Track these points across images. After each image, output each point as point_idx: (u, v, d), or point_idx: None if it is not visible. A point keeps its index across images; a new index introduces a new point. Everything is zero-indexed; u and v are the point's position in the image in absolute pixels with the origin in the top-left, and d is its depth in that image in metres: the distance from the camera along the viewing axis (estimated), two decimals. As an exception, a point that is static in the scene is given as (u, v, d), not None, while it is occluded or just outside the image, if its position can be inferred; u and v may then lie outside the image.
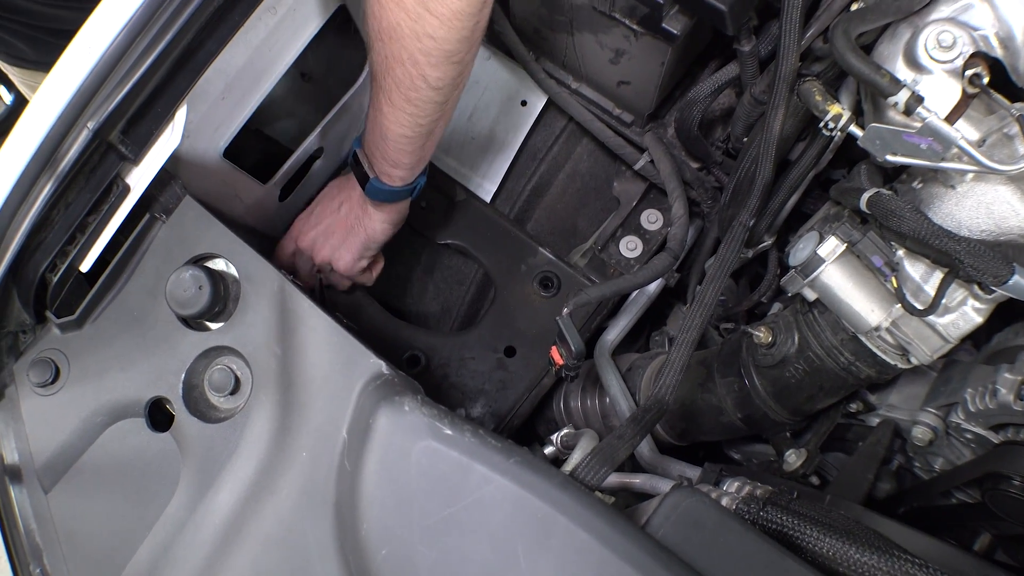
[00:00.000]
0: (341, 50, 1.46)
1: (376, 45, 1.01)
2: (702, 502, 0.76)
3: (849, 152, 1.22)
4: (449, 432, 0.75)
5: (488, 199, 1.51)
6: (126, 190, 0.98)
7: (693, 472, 1.17)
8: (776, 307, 1.35)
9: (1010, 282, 0.86)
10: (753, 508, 0.83)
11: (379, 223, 1.30)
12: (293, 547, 0.82)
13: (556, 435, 1.29)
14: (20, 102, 3.06)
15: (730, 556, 0.73)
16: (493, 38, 1.42)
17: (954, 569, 0.78)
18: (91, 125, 0.91)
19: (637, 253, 1.43)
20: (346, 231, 1.31)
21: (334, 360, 0.87)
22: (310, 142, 1.38)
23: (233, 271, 0.97)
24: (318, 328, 0.89)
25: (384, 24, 0.97)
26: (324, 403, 0.86)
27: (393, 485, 0.75)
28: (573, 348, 1.12)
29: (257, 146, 1.48)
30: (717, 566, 0.72)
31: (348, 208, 1.31)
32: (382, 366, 0.84)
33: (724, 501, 0.85)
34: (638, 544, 0.71)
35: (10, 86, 2.99)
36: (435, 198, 1.50)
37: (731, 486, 0.95)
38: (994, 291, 0.92)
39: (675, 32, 1.09)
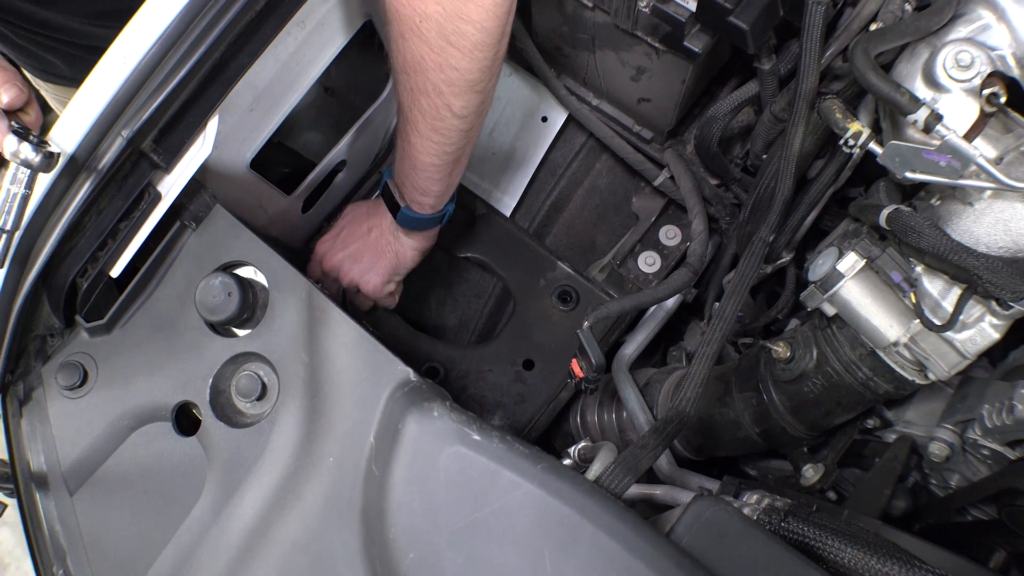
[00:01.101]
0: (364, 65, 1.48)
1: (401, 78, 1.05)
2: (725, 511, 0.77)
3: (865, 169, 1.24)
4: (477, 438, 0.76)
5: (508, 213, 1.53)
6: (157, 197, 1.00)
7: (712, 485, 1.17)
8: (793, 323, 1.36)
9: (1029, 298, 0.87)
10: (774, 519, 0.83)
11: (410, 250, 1.33)
12: (318, 552, 0.83)
13: (573, 448, 1.29)
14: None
15: (753, 565, 0.74)
16: (515, 55, 1.45)
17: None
18: (125, 133, 0.93)
19: (655, 268, 1.44)
20: (376, 256, 1.34)
21: (362, 367, 0.88)
22: (333, 155, 1.40)
23: (261, 279, 0.99)
24: (346, 335, 0.91)
25: (408, 57, 1.00)
26: (352, 409, 0.87)
27: (421, 490, 0.76)
28: (594, 361, 1.13)
29: (280, 158, 1.50)
30: (740, 575, 0.73)
31: (379, 234, 1.33)
32: (410, 373, 0.86)
33: (745, 512, 0.86)
34: (663, 551, 0.71)
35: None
36: (456, 212, 1.52)
37: (750, 498, 0.96)
38: (1012, 307, 0.93)
39: (697, 50, 1.11)
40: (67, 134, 0.94)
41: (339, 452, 0.86)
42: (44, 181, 0.94)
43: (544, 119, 1.49)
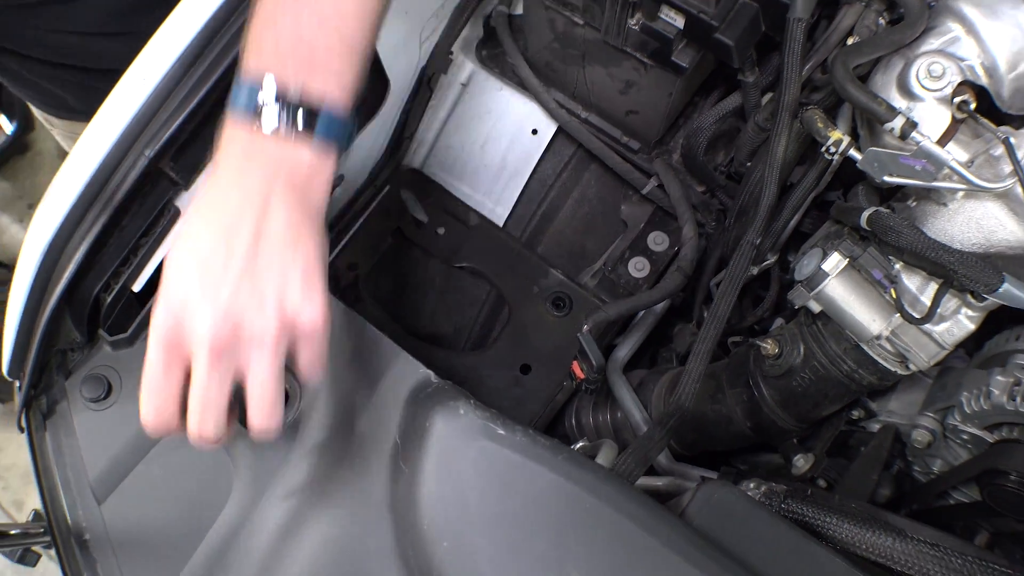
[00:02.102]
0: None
1: None
2: (732, 493, 0.83)
3: (843, 174, 1.31)
4: (502, 432, 0.81)
5: (500, 223, 1.58)
6: (177, 214, 1.04)
7: (711, 475, 1.23)
8: (778, 321, 1.42)
9: (1001, 290, 0.94)
10: (775, 501, 0.90)
11: (322, 193, 0.78)
12: (350, 547, 0.87)
13: (573, 448, 1.35)
14: (24, 130, 3.11)
15: (760, 542, 0.79)
16: (506, 70, 1.51)
17: (961, 552, 0.85)
18: (148, 152, 0.97)
19: (645, 273, 1.51)
20: (288, 244, 0.73)
21: (383, 370, 0.93)
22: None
23: (279, 289, 1.03)
24: (366, 340, 0.95)
25: None
26: (375, 410, 0.91)
27: (451, 483, 0.81)
28: (594, 363, 1.18)
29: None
30: (749, 551, 0.78)
31: (260, 203, 0.73)
32: (430, 375, 0.90)
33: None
34: (678, 531, 0.77)
35: (12, 115, 3.04)
36: (450, 223, 1.57)
37: (749, 484, 1.02)
38: (986, 299, 1.00)
39: (684, 65, 1.17)
40: (90, 154, 0.97)
41: (364, 452, 0.90)
42: (68, 199, 0.98)
43: (534, 132, 1.55)
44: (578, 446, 1.36)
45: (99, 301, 1.05)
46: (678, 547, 0.75)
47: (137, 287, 1.04)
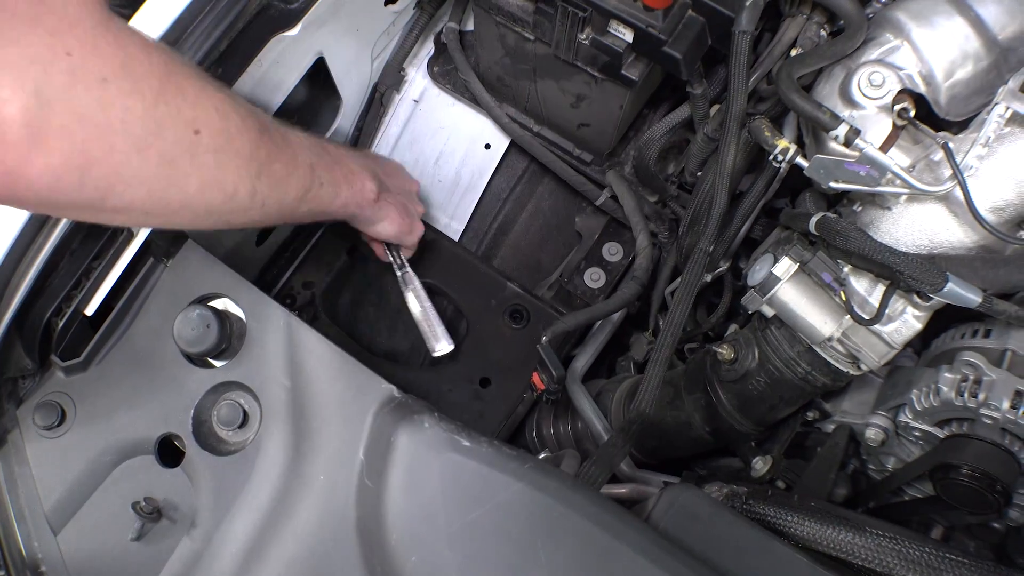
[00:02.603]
0: (309, 100, 1.53)
1: None
2: (696, 495, 0.84)
3: (790, 182, 1.34)
4: (468, 444, 0.81)
5: (456, 238, 1.59)
6: (129, 235, 1.02)
7: (673, 481, 1.25)
8: (732, 327, 1.45)
9: (945, 289, 0.97)
10: (737, 502, 0.91)
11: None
12: (317, 566, 0.86)
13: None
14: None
15: (725, 542, 0.81)
16: (458, 86, 1.51)
17: (919, 544, 0.87)
18: (97, 174, 0.96)
19: (601, 283, 1.52)
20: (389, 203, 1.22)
21: (345, 388, 0.92)
22: (286, 189, 1.43)
23: (236, 309, 1.02)
24: (327, 358, 0.95)
25: None
26: (338, 428, 0.91)
27: (418, 497, 0.81)
28: (554, 373, 1.19)
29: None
30: (715, 551, 0.80)
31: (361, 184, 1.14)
32: (393, 390, 0.90)
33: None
34: (645, 536, 0.78)
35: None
36: None
37: (711, 488, 1.03)
38: (931, 299, 1.03)
39: (634, 78, 1.19)
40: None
41: (329, 470, 0.90)
42: (16, 223, 0.96)
43: (487, 146, 1.56)
44: (541, 457, 1.37)
45: (51, 326, 1.02)
46: (645, 550, 0.76)
47: (90, 311, 1.03)
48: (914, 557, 0.83)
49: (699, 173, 1.33)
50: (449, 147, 1.58)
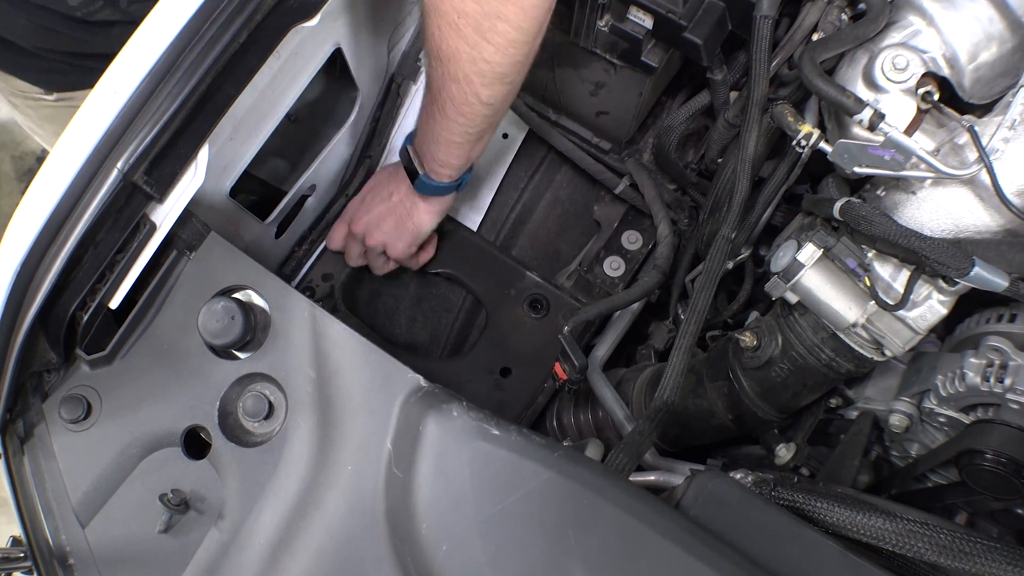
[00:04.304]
0: (325, 92, 1.53)
1: (434, 63, 1.11)
2: (725, 482, 0.84)
3: (809, 168, 1.33)
4: (497, 432, 0.81)
5: (475, 228, 1.59)
6: (153, 228, 1.02)
7: (698, 468, 1.24)
8: (753, 315, 1.44)
9: (972, 274, 0.96)
10: (765, 489, 0.91)
11: (426, 214, 1.39)
12: (346, 557, 0.86)
13: (559, 447, 1.35)
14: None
15: (755, 529, 0.80)
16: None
17: (950, 530, 0.86)
18: (120, 166, 0.96)
19: (620, 272, 1.52)
20: (397, 221, 1.40)
21: (372, 378, 0.92)
22: (304, 181, 1.43)
23: (260, 301, 1.02)
24: (353, 349, 0.95)
25: (444, 48, 1.06)
26: (365, 418, 0.91)
27: (448, 486, 0.81)
28: (576, 363, 1.19)
29: (249, 187, 1.53)
30: (746, 538, 0.79)
31: (398, 199, 1.39)
32: (420, 379, 0.90)
33: (739, 485, 0.92)
34: (676, 523, 0.78)
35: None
36: None
37: (736, 474, 1.03)
38: (957, 283, 1.02)
39: (654, 65, 1.19)
40: (62, 170, 0.96)
41: (357, 460, 0.90)
42: (40, 218, 0.96)
43: (505, 136, 1.56)
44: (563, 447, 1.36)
45: (75, 320, 1.03)
46: (677, 537, 0.76)
47: (114, 304, 1.03)
48: (945, 543, 0.82)
49: (719, 160, 1.32)
50: (466, 137, 1.57)
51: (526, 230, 1.59)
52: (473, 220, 1.59)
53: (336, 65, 1.39)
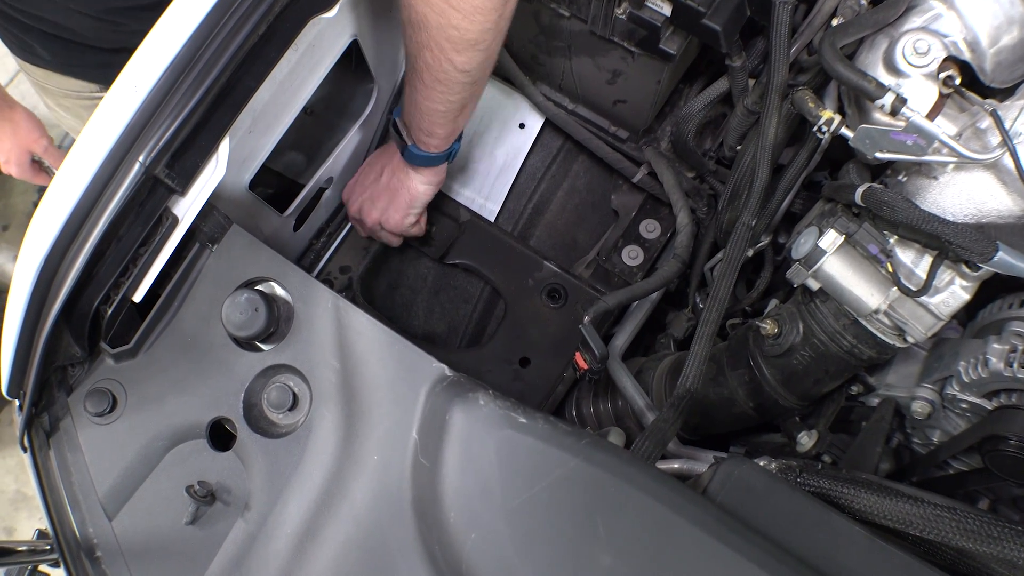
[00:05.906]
0: (341, 84, 1.53)
1: (407, 31, 1.13)
2: (752, 469, 0.83)
3: (830, 154, 1.33)
4: (524, 420, 0.81)
5: (492, 219, 1.59)
6: (175, 221, 1.02)
7: (721, 456, 1.24)
8: (772, 302, 1.44)
9: (995, 258, 0.96)
10: (791, 476, 0.91)
11: (420, 184, 1.40)
12: (373, 546, 0.87)
13: (582, 436, 1.35)
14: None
15: (782, 515, 0.80)
16: (490, 66, 1.51)
17: (978, 514, 0.86)
18: (142, 159, 0.96)
19: (639, 261, 1.52)
20: (391, 194, 1.42)
21: (396, 368, 0.93)
22: (322, 173, 1.44)
23: (283, 293, 1.03)
24: (377, 339, 0.95)
25: (413, 16, 1.09)
26: (390, 408, 0.91)
27: (476, 474, 0.81)
28: (597, 353, 1.19)
29: (266, 179, 1.53)
30: (773, 524, 0.79)
31: (390, 172, 1.42)
32: (445, 369, 0.90)
33: (764, 471, 0.92)
34: (705, 509, 0.78)
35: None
36: (441, 221, 1.57)
37: (760, 462, 1.03)
38: (980, 268, 1.02)
39: (672, 52, 1.18)
40: (84, 164, 0.96)
41: (383, 450, 0.90)
42: (62, 213, 0.96)
43: (522, 126, 1.56)
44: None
45: (99, 314, 1.03)
46: (706, 524, 0.76)
47: (138, 297, 1.03)
48: (973, 527, 0.82)
49: (738, 147, 1.31)
50: (483, 127, 1.57)
51: (543, 220, 1.59)
52: (490, 211, 1.59)
53: (352, 57, 1.39)
